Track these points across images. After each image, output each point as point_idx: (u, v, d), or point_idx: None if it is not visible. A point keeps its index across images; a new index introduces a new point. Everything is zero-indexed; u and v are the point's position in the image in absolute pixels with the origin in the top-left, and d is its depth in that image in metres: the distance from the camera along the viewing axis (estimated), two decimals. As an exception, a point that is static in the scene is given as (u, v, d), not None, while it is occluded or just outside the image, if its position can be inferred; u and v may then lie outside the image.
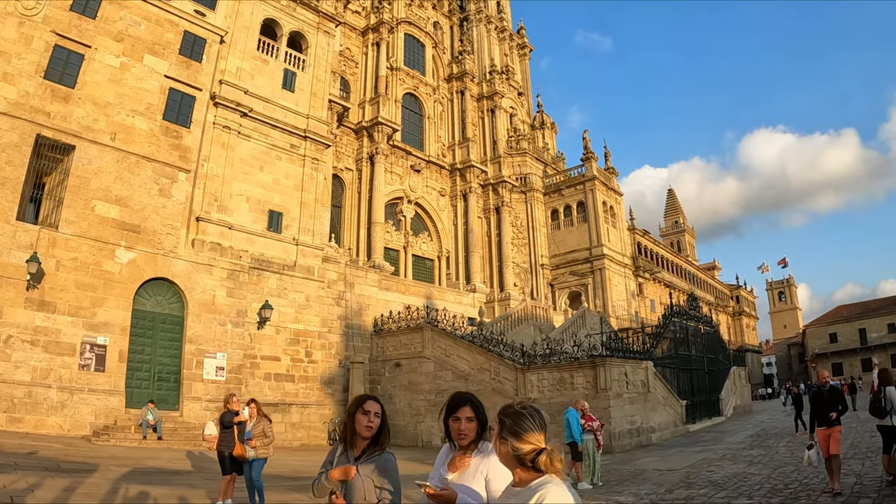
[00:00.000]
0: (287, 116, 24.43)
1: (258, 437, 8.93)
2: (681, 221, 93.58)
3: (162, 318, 19.90)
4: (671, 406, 22.90)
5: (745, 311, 73.00)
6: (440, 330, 22.73)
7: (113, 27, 20.25)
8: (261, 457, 8.99)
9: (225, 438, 8.98)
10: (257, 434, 8.93)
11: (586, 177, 39.41)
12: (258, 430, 8.96)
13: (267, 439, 9.07)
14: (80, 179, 18.71)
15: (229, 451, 8.86)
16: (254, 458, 8.90)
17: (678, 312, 26.39)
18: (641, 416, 19.96)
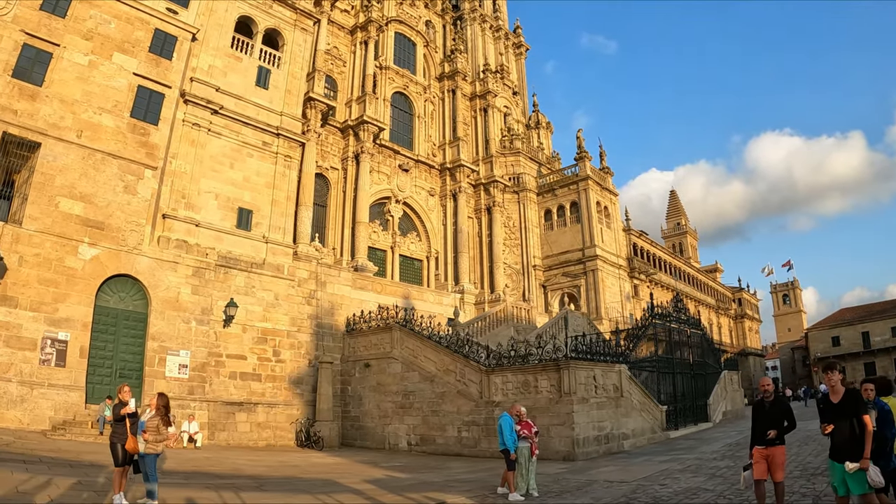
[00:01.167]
0: (260, 114, 25.06)
1: (151, 432, 8.98)
2: (683, 223, 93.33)
3: (125, 315, 20.57)
4: (649, 411, 22.98)
5: (748, 314, 72.61)
6: (408, 330, 23.07)
7: (82, 26, 21.00)
8: (150, 452, 9.01)
9: (117, 430, 9.02)
10: (150, 428, 9.01)
11: (579, 176, 39.62)
12: (152, 424, 9.08)
13: (160, 436, 9.08)
14: (45, 176, 19.44)
15: (121, 443, 8.91)
16: (144, 452, 8.96)
17: (660, 314, 26.50)
18: (612, 421, 19.86)
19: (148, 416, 9.28)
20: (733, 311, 70.19)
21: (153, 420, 9.14)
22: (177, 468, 14.30)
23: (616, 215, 42.33)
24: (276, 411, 23.04)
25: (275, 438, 22.76)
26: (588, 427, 18.63)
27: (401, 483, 13.49)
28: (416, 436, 22.05)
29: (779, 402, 8.20)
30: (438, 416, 21.48)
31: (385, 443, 22.93)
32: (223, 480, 12.82)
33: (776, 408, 8.04)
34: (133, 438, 8.89)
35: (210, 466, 15.12)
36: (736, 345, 67.65)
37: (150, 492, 8.90)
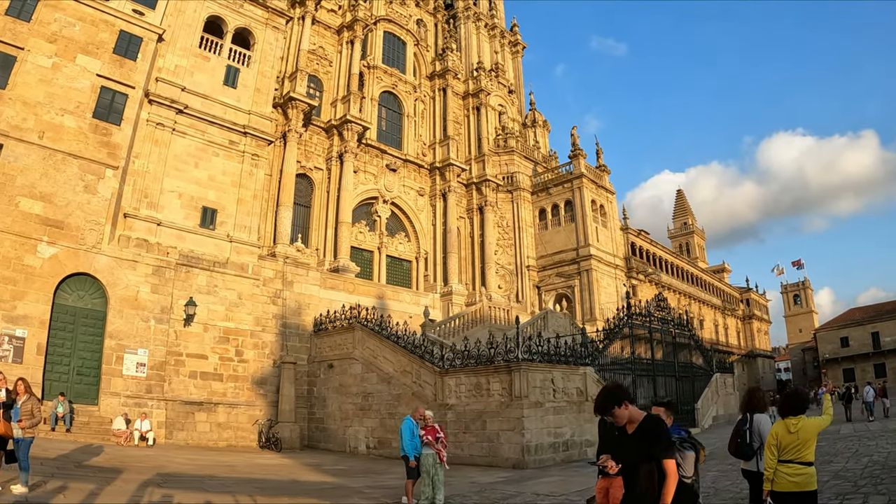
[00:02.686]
0: (227, 113, 26.03)
1: (25, 417, 9.48)
2: (690, 223, 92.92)
3: (84, 313, 21.64)
4: None
5: (756, 315, 72.07)
6: (369, 330, 23.68)
7: (47, 29, 22.16)
8: (27, 437, 9.54)
9: None
10: (25, 413, 9.63)
11: (573, 174, 39.92)
12: (26, 408, 9.74)
13: (34, 419, 9.59)
14: (6, 176, 20.59)
15: None
16: (20, 437, 9.42)
17: (639, 313, 26.58)
18: (573, 427, 19.67)
19: (21, 401, 9.91)
20: (741, 311, 69.82)
21: (27, 404, 9.77)
22: (101, 463, 15.11)
23: (613, 214, 42.49)
24: (238, 412, 23.93)
25: (236, 439, 23.63)
26: (542, 433, 18.42)
27: (314, 487, 14.10)
28: (374, 438, 22.63)
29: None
30: (394, 419, 21.91)
31: (346, 445, 23.55)
32: (119, 474, 13.35)
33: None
34: (6, 424, 9.25)
35: (136, 463, 15.90)
36: (744, 346, 67.25)
37: (22, 475, 9.60)
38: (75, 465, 14.13)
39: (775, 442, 5.65)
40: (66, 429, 19.51)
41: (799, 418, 5.65)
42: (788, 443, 5.57)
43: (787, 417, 5.71)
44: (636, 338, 28.24)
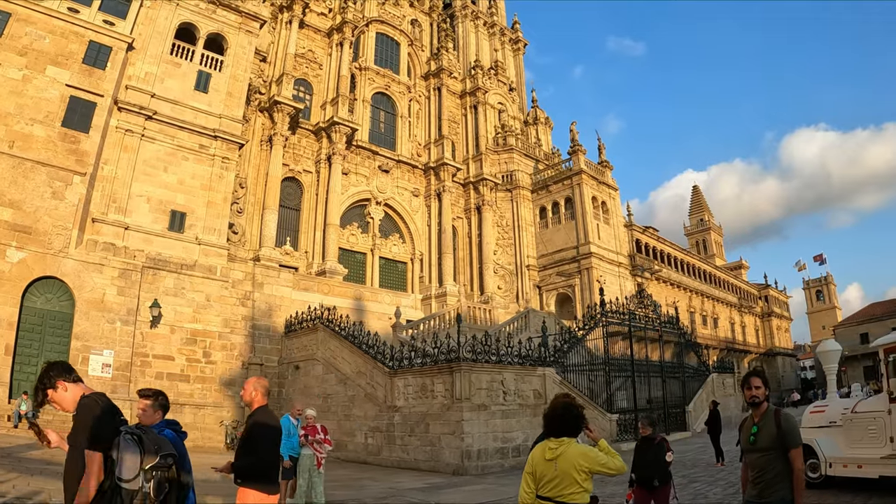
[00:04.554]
0: (198, 117, 27.40)
1: None
2: (706, 219, 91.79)
3: (51, 315, 23.34)
4: (592, 420, 23.35)
5: (776, 312, 70.68)
6: (331, 330, 24.70)
7: (18, 42, 23.90)
8: None
9: None
10: None
11: (573, 171, 40.23)
12: None
13: None
14: (-25, 185, 22.68)
15: None
16: None
17: (615, 310, 26.51)
18: (527, 432, 19.43)
19: None
20: (759, 309, 68.73)
21: None
22: (39, 456, 16.55)
23: (616, 211, 42.54)
24: (205, 413, 25.30)
25: (202, 440, 24.94)
26: (486, 438, 18.30)
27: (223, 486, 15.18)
28: (332, 440, 23.66)
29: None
30: (350, 421, 22.75)
31: (308, 446, 24.70)
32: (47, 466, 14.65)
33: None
34: None
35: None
36: (763, 345, 65.99)
37: None
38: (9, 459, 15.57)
39: (531, 469, 4.51)
40: (28, 426, 21.21)
41: (561, 441, 4.43)
42: (544, 473, 4.40)
43: (549, 438, 4.58)
44: (636, 337, 28.44)
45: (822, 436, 11.22)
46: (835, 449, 10.84)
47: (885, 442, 9.81)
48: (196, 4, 28.32)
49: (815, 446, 11.07)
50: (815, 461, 11.11)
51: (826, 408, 11.86)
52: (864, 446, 10.24)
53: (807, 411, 12.60)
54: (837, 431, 11.01)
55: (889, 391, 9.92)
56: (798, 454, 4.70)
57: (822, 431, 11.33)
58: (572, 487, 4.25)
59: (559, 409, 4.58)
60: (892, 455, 9.52)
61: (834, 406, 11.67)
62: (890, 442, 9.67)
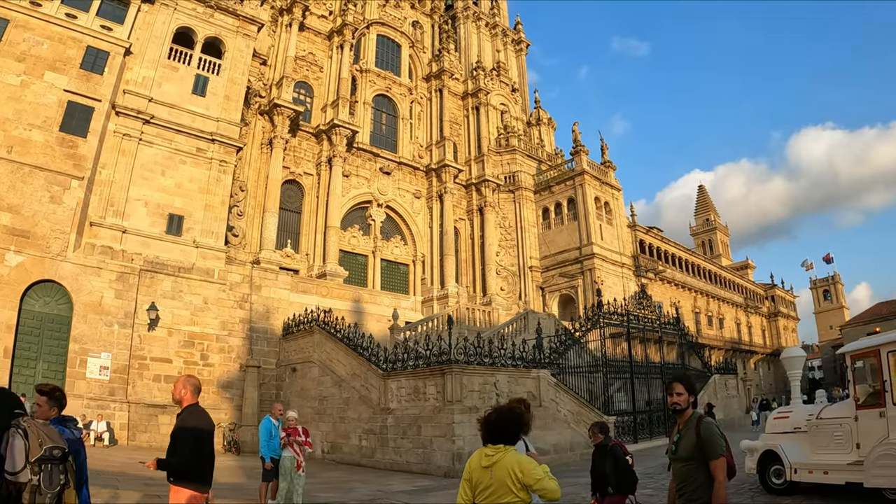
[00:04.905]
0: (195, 121, 27.62)
1: None
2: (712, 219, 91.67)
3: (50, 319, 23.61)
4: (589, 423, 23.20)
5: (782, 312, 70.28)
6: (327, 333, 24.81)
7: (16, 49, 24.23)
8: None
9: None
10: None
11: (575, 171, 40.17)
12: None
13: None
14: (-26, 189, 23.03)
15: None
16: None
17: (613, 311, 26.42)
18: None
19: None
20: (766, 309, 68.33)
21: None
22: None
23: (620, 211, 42.44)
24: (202, 414, 25.49)
25: (200, 440, 25.21)
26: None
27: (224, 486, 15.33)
28: (327, 443, 23.56)
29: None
30: (345, 423, 22.86)
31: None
32: None
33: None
34: None
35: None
36: (769, 345, 65.52)
37: None
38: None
39: (468, 476, 4.33)
40: None
41: (497, 448, 4.24)
42: (480, 480, 4.20)
43: (487, 445, 4.38)
44: (636, 339, 28.36)
45: (787, 441, 11.17)
46: (800, 455, 10.80)
47: (851, 448, 9.78)
48: (193, 8, 28.57)
49: (780, 452, 11.06)
50: (779, 467, 11.12)
51: (790, 413, 11.84)
52: (831, 452, 10.22)
53: (770, 417, 12.64)
54: (802, 437, 10.97)
55: (856, 397, 9.91)
56: (718, 466, 4.40)
57: (786, 437, 11.29)
58: (508, 497, 4.07)
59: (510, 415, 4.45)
60: (859, 461, 9.47)
61: (798, 412, 11.65)
62: (857, 448, 9.64)
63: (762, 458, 11.65)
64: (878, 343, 9.66)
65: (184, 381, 5.72)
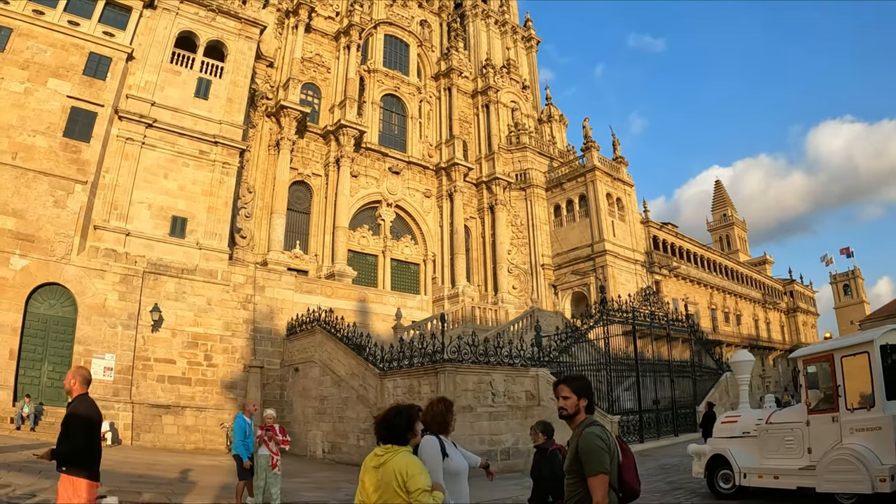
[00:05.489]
0: (198, 124, 27.71)
1: None
2: (729, 214, 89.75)
3: (55, 321, 23.90)
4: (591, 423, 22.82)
5: (801, 308, 68.39)
6: (328, 332, 24.73)
7: (20, 57, 24.58)
8: None
9: None
10: None
11: (586, 168, 39.59)
12: None
13: None
14: (-20, 196, 23.41)
15: None
16: None
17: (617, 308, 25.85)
18: (517, 435, 19.09)
19: None
20: (784, 304, 66.63)
21: None
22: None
23: (632, 207, 41.69)
24: (206, 415, 25.54)
25: (204, 442, 25.21)
26: (471, 440, 17.77)
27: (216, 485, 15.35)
28: (328, 443, 23.41)
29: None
30: (343, 423, 22.73)
31: (307, 449, 24.58)
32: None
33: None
34: None
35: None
36: (788, 341, 63.82)
37: None
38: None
39: (361, 475, 4.21)
40: (30, 427, 21.72)
41: (387, 449, 4.09)
42: (372, 480, 4.06)
43: (379, 444, 4.20)
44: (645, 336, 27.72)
45: (736, 446, 11.06)
46: (749, 459, 10.69)
47: (802, 453, 9.71)
48: (195, 13, 28.73)
49: (729, 456, 10.94)
50: (728, 471, 11.00)
51: (738, 418, 11.70)
52: (781, 457, 10.14)
53: (718, 421, 12.43)
54: (752, 442, 10.87)
55: (808, 402, 9.83)
56: (596, 484, 3.76)
57: (735, 441, 11.17)
58: (395, 500, 3.90)
59: (401, 414, 4.28)
60: (811, 466, 9.37)
61: (747, 416, 11.54)
62: (808, 453, 9.58)
63: (710, 462, 11.53)
64: (831, 347, 9.60)
65: (73, 372, 5.73)
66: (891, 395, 8.76)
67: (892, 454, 8.38)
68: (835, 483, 8.85)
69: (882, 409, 8.64)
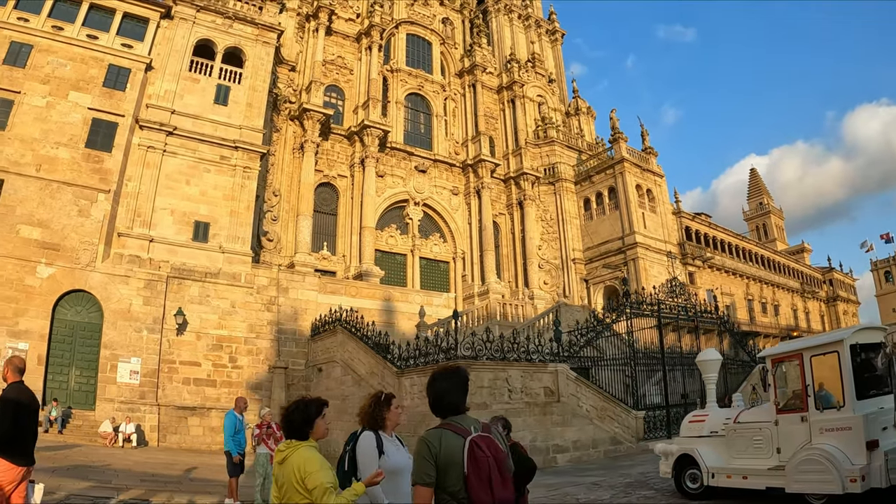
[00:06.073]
0: (218, 130, 27.69)
1: None
2: (766, 202, 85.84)
3: (81, 326, 24.15)
4: (615, 418, 21.59)
5: (841, 296, 64.78)
6: (349, 332, 24.41)
7: (41, 72, 24.91)
8: None
9: None
10: None
11: (614, 159, 38.38)
12: None
13: None
14: (7, 208, 23.50)
15: None
16: None
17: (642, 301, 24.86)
18: (535, 431, 18.49)
19: None
20: (823, 293, 63.41)
21: None
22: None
23: (663, 198, 40.21)
24: (232, 415, 25.57)
25: (230, 441, 25.29)
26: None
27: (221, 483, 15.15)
28: (349, 443, 23.27)
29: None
30: (364, 421, 22.53)
31: (329, 448, 24.46)
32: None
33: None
34: None
35: (81, 458, 17.85)
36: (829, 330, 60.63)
37: None
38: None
39: (274, 473, 4.08)
40: (57, 430, 21.96)
41: (289, 444, 4.01)
42: (277, 477, 3.98)
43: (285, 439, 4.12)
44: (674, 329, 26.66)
45: (704, 445, 10.81)
46: (717, 459, 10.48)
47: (771, 453, 9.53)
48: (212, 21, 28.79)
49: (697, 456, 10.69)
50: (695, 471, 10.75)
51: (706, 417, 11.44)
52: (750, 457, 9.94)
53: (686, 420, 12.19)
54: (720, 441, 10.65)
55: (776, 402, 9.62)
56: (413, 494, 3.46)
57: (703, 441, 10.92)
58: (296, 497, 3.74)
59: (299, 409, 4.14)
60: (780, 466, 9.18)
61: (715, 415, 11.30)
62: (777, 453, 9.40)
63: (678, 461, 11.22)
64: (800, 347, 9.44)
65: (6, 362, 5.97)
66: (861, 394, 8.55)
67: (862, 454, 8.16)
68: (804, 483, 8.66)
69: (852, 409, 8.45)
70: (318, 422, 4.15)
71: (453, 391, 3.67)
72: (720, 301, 37.75)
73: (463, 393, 3.72)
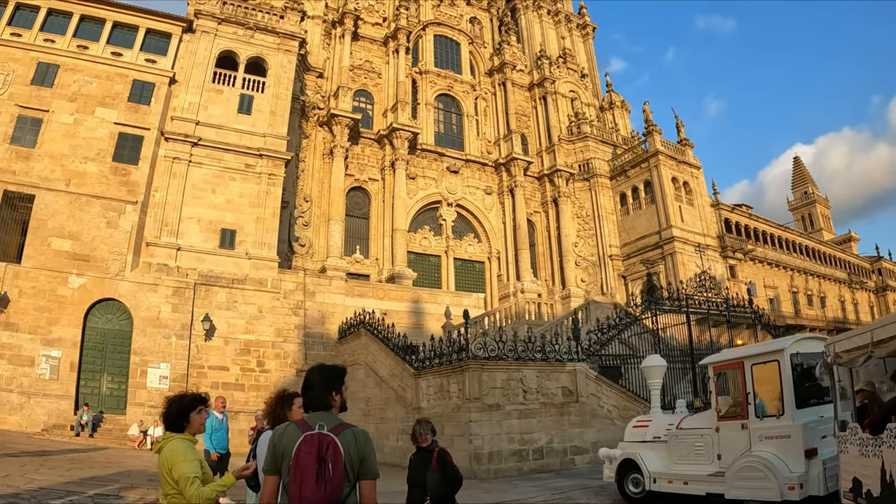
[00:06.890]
0: (242, 139, 27.56)
1: None
2: (811, 191, 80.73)
3: (112, 334, 24.31)
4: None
5: (891, 286, 59.62)
6: (372, 335, 23.84)
7: (67, 90, 25.28)
8: None
9: None
10: None
11: (649, 153, 36.67)
12: None
13: None
14: (39, 221, 23.97)
15: None
16: None
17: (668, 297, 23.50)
18: (552, 433, 17.54)
19: None
20: (872, 283, 58.86)
21: None
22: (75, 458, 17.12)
23: (701, 190, 38.15)
24: (260, 419, 25.36)
25: (258, 445, 25.06)
26: (499, 439, 16.54)
27: None
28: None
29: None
30: (385, 424, 21.61)
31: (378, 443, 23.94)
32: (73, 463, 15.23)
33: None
34: None
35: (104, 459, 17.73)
36: None
37: None
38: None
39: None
40: (88, 434, 22.14)
41: (164, 436, 4.10)
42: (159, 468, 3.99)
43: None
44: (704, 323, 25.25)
45: (646, 450, 10.77)
46: (659, 464, 10.45)
47: (712, 459, 9.47)
48: (234, 32, 28.77)
49: (639, 461, 10.65)
50: (637, 476, 10.68)
51: (650, 422, 11.35)
52: (691, 463, 9.90)
53: (629, 425, 12.06)
54: (662, 447, 10.56)
55: (717, 409, 9.57)
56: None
57: (645, 446, 10.86)
58: (166, 487, 3.91)
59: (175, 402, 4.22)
60: (720, 472, 9.14)
61: (658, 421, 11.21)
62: (717, 459, 9.34)
63: (621, 466, 11.12)
64: (742, 355, 9.42)
65: None
66: (801, 403, 8.49)
67: (801, 462, 8.10)
68: (744, 490, 8.64)
69: (791, 418, 8.41)
70: (192, 415, 4.17)
71: (317, 387, 3.52)
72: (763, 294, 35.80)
73: (327, 390, 3.53)
